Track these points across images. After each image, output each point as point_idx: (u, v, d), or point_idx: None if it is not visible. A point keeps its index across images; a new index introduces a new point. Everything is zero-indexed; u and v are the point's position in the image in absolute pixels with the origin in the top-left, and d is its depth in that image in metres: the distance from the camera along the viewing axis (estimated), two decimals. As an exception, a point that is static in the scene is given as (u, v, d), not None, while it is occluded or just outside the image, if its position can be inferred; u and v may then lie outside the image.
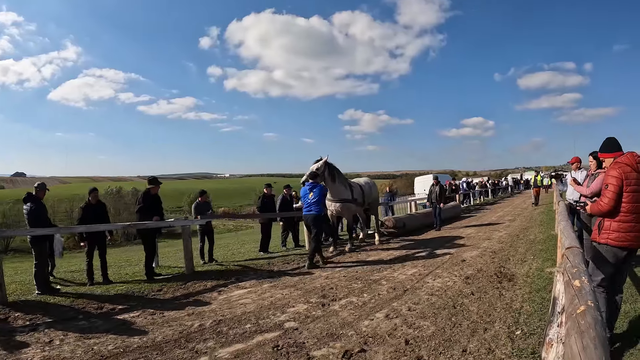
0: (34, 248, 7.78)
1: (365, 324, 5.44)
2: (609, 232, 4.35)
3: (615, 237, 4.29)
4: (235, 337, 5.18)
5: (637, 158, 4.30)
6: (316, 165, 11.19)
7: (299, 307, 6.32)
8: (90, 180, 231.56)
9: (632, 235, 4.24)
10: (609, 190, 4.29)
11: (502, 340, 4.63)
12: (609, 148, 4.66)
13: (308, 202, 10.26)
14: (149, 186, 9.50)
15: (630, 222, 4.23)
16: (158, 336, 5.32)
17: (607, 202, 4.31)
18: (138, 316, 6.27)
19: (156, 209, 9.42)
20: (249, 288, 7.76)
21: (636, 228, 4.23)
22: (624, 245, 4.27)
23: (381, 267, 9.11)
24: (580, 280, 2.67)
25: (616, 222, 4.29)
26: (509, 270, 8.03)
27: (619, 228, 4.27)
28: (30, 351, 4.95)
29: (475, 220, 18.99)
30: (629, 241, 4.26)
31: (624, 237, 4.25)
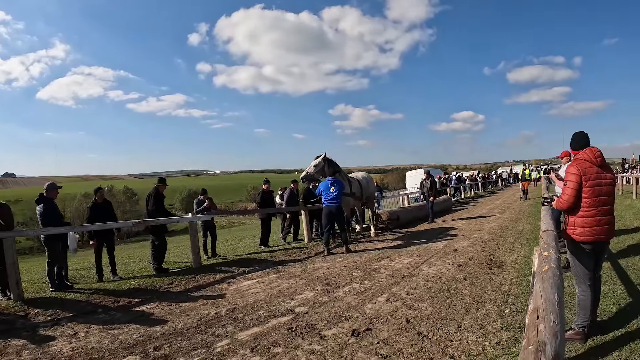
0: (47, 247, 7.99)
1: (369, 307, 5.93)
2: (574, 227, 4.41)
3: (580, 232, 4.34)
4: (251, 322, 5.57)
5: (595, 153, 4.35)
6: (314, 163, 11.78)
7: (306, 294, 6.78)
8: (80, 179, 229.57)
9: (599, 229, 4.27)
10: (568, 187, 4.36)
11: (493, 318, 5.18)
12: (575, 143, 4.66)
13: (330, 195, 10.80)
14: (158, 185, 9.93)
15: (594, 216, 4.27)
16: (179, 324, 5.65)
17: (565, 199, 4.39)
18: (155, 307, 6.59)
19: (162, 206, 9.90)
20: (257, 279, 8.17)
21: (602, 222, 4.27)
22: (589, 240, 4.31)
23: (378, 257, 9.61)
24: (548, 252, 3.34)
25: (580, 218, 4.34)
26: (498, 258, 8.54)
27: (583, 223, 4.31)
28: (58, 344, 5.18)
29: (466, 213, 19.46)
30: (595, 235, 4.28)
31: (589, 232, 4.28)
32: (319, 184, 11.52)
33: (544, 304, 2.19)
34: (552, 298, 2.23)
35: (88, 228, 8.84)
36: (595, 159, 4.31)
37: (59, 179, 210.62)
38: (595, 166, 4.30)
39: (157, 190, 9.83)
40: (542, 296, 2.29)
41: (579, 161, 4.38)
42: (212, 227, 11.69)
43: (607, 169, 4.40)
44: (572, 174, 4.33)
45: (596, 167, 4.30)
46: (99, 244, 8.89)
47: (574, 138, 4.70)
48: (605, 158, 4.47)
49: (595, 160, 4.31)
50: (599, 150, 4.41)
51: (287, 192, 13.83)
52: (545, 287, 2.39)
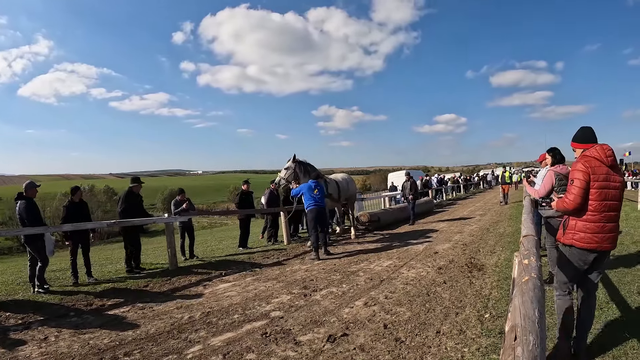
0: (30, 247, 7.80)
1: (346, 311, 5.80)
2: (573, 232, 3.99)
3: (580, 237, 3.93)
4: (225, 326, 5.44)
5: (607, 151, 3.90)
6: (287, 165, 11.82)
7: (282, 298, 6.63)
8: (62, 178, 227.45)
9: (600, 237, 3.87)
10: (575, 186, 3.89)
11: (472, 323, 5.07)
12: (581, 137, 4.19)
13: (315, 197, 10.65)
14: (132, 185, 9.82)
15: (598, 221, 3.85)
16: (151, 329, 5.52)
17: (572, 199, 3.92)
18: (128, 311, 6.44)
19: (139, 207, 9.73)
20: (233, 282, 8.02)
21: (605, 228, 3.86)
22: (590, 247, 3.90)
23: (358, 259, 9.51)
24: (529, 259, 3.06)
25: (582, 222, 3.92)
26: (479, 261, 8.46)
27: (584, 228, 3.90)
28: (27, 348, 5.05)
29: (447, 215, 19.47)
30: (597, 243, 3.87)
31: (590, 239, 3.88)
32: (300, 185, 11.32)
33: (523, 322, 1.97)
34: (532, 314, 2.02)
35: (63, 229, 8.68)
36: (606, 157, 3.89)
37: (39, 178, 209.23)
38: (605, 166, 3.89)
39: (130, 191, 9.73)
40: (520, 312, 2.07)
41: (588, 158, 3.94)
42: (190, 228, 11.50)
43: (617, 171, 3.98)
44: (580, 171, 3.89)
45: (606, 167, 3.88)
46: (74, 244, 8.69)
47: (582, 132, 4.22)
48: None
49: (607, 159, 3.89)
50: (611, 148, 3.96)
51: (267, 193, 13.74)
52: (524, 301, 2.17)
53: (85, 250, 8.94)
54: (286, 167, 11.83)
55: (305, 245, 11.79)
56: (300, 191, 10.95)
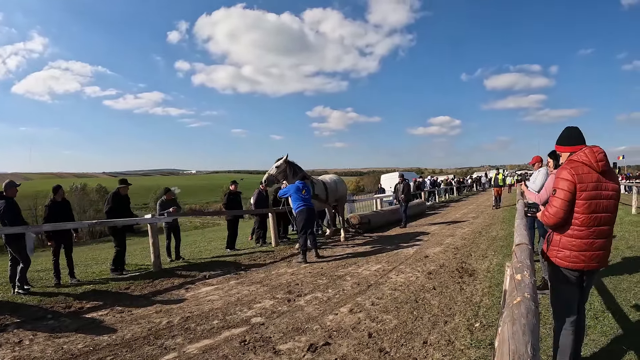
0: (11, 247, 7.67)
1: (330, 318, 5.56)
2: (557, 248, 3.53)
3: (564, 256, 3.47)
4: (203, 333, 5.24)
5: (597, 155, 3.37)
6: (275, 165, 11.50)
7: (265, 303, 6.41)
8: (54, 176, 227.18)
9: (588, 255, 3.39)
10: (557, 197, 3.42)
11: (462, 332, 4.81)
12: (567, 139, 3.69)
13: (303, 197, 10.42)
14: (119, 186, 9.71)
15: (586, 237, 3.37)
16: (127, 334, 5.34)
17: (552, 213, 3.46)
18: (107, 314, 6.27)
19: (125, 208, 9.60)
20: (216, 285, 7.83)
21: (594, 245, 3.37)
22: (576, 267, 3.44)
23: (346, 263, 9.27)
24: (522, 274, 2.66)
25: (567, 238, 3.45)
26: (470, 266, 8.25)
27: (569, 245, 3.43)
28: (0, 352, 4.89)
29: (439, 218, 19.28)
30: (583, 262, 3.40)
31: (576, 257, 3.41)
32: (287, 186, 11.14)
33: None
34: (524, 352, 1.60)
35: (42, 228, 8.54)
36: (596, 162, 3.36)
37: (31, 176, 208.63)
38: (595, 172, 3.37)
39: (117, 192, 9.64)
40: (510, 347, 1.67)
41: (575, 164, 3.43)
42: (176, 229, 11.32)
43: (611, 177, 3.44)
44: (564, 179, 3.40)
45: (597, 174, 3.36)
46: (56, 245, 8.54)
47: (567, 133, 3.72)
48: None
49: (597, 164, 3.35)
50: (602, 150, 3.43)
51: (256, 193, 13.51)
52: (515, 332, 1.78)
53: (67, 250, 8.77)
54: (277, 165, 11.54)
55: (294, 248, 11.57)
56: (287, 192, 10.74)
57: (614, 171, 3.70)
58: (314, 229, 10.93)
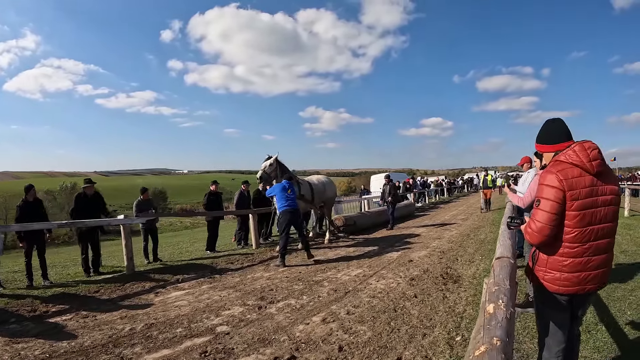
0: None
1: (300, 328, 5.19)
2: (544, 270, 2.86)
3: (552, 278, 2.81)
4: (164, 342, 4.94)
5: (590, 152, 2.68)
6: (268, 162, 11.22)
7: (234, 310, 6.07)
8: (45, 175, 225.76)
9: (583, 276, 2.73)
10: (541, 210, 2.73)
11: (441, 347, 4.41)
12: (549, 136, 3.01)
13: (288, 197, 10.15)
14: (84, 186, 9.64)
15: (579, 255, 2.70)
16: (87, 340, 5.08)
17: (537, 229, 2.74)
18: (70, 319, 6.00)
19: (94, 208, 9.45)
20: (188, 289, 7.51)
21: (590, 264, 2.72)
22: (567, 292, 2.79)
23: (326, 267, 8.92)
24: (495, 304, 2.04)
25: (556, 257, 2.78)
26: (455, 271, 7.89)
27: (559, 265, 2.76)
28: None
29: (428, 219, 19.00)
30: (577, 284, 2.75)
31: (567, 280, 2.75)
32: (272, 185, 10.87)
33: None
34: None
35: (9, 229, 8.47)
36: (589, 162, 2.66)
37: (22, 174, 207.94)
38: (589, 174, 2.68)
39: (83, 192, 9.63)
40: None
41: (562, 165, 2.73)
42: (154, 231, 10.97)
43: (608, 179, 2.75)
44: (549, 187, 2.70)
45: (590, 177, 2.67)
46: (28, 245, 8.32)
47: (549, 128, 3.04)
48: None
49: (590, 164, 2.66)
50: (596, 146, 2.74)
51: (237, 194, 13.17)
52: None
53: (40, 251, 8.56)
54: (270, 163, 11.31)
55: (275, 250, 11.15)
56: (273, 191, 10.44)
57: (612, 170, 2.93)
58: (303, 231, 10.72)
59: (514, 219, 3.43)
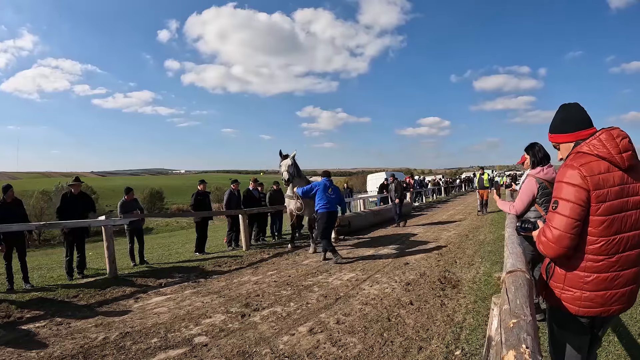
0: None
1: (284, 339, 4.78)
2: (562, 286, 2.34)
3: (571, 298, 2.29)
4: (136, 353, 4.58)
5: (621, 142, 2.15)
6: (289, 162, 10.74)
7: (215, 318, 5.68)
8: (42, 175, 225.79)
9: (609, 295, 2.22)
10: (559, 214, 2.20)
11: (438, 363, 3.96)
12: (566, 123, 2.45)
13: (328, 197, 9.63)
14: (69, 184, 9.66)
15: (605, 270, 2.19)
16: (56, 351, 4.77)
17: (554, 239, 2.22)
18: (43, 326, 5.72)
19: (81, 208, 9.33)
20: (170, 294, 7.14)
21: (618, 281, 2.21)
22: (587, 314, 2.28)
23: (317, 270, 8.51)
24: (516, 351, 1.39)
25: (577, 272, 2.26)
26: (454, 275, 7.49)
27: (580, 283, 2.25)
28: None
29: (425, 219, 18.69)
30: (601, 305, 2.24)
31: (590, 301, 2.24)
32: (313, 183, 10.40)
33: None
34: None
35: None
36: (619, 154, 2.13)
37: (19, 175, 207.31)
38: (618, 169, 2.16)
39: (65, 194, 9.50)
40: None
41: (586, 158, 2.20)
42: (139, 232, 10.62)
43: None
44: (570, 185, 2.18)
45: (620, 172, 2.16)
46: (8, 248, 8.01)
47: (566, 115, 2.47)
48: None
49: (620, 157, 2.13)
50: (626, 135, 2.20)
51: (227, 193, 12.86)
52: None
53: (20, 254, 8.32)
54: (291, 163, 10.72)
55: (264, 252, 10.90)
56: (313, 189, 9.85)
57: None
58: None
59: (524, 223, 2.79)
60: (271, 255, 10.52)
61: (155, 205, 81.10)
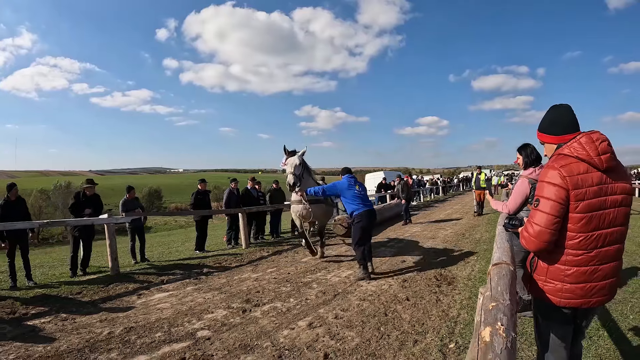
0: None
1: (285, 333, 4.95)
2: (544, 278, 2.53)
3: (553, 289, 2.48)
4: (141, 347, 4.73)
5: (600, 145, 2.34)
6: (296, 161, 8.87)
7: (217, 314, 5.83)
8: (40, 174, 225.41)
9: (589, 288, 2.40)
10: (541, 211, 2.40)
11: (433, 356, 4.14)
12: (553, 124, 2.65)
13: (359, 195, 7.98)
14: (85, 186, 9.72)
15: (585, 264, 2.37)
16: (63, 345, 4.88)
17: (535, 234, 2.41)
18: (49, 322, 5.80)
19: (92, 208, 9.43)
20: (172, 291, 7.27)
21: (597, 274, 2.38)
22: (568, 305, 2.46)
23: (316, 268, 8.67)
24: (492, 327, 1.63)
25: (558, 266, 2.45)
26: (450, 272, 7.66)
27: (561, 275, 2.43)
28: None
29: (422, 218, 18.85)
30: (581, 297, 2.42)
31: (570, 292, 2.42)
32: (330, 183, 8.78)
33: None
34: None
35: None
36: (597, 156, 2.32)
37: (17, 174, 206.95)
38: (597, 170, 2.34)
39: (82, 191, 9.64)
40: None
41: (566, 160, 2.40)
42: (141, 230, 10.75)
43: (619, 175, 2.39)
44: (550, 184, 2.38)
45: (599, 173, 2.34)
46: (11, 245, 8.12)
47: (554, 116, 2.67)
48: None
49: (599, 159, 2.32)
50: (605, 138, 2.39)
51: (226, 192, 13.04)
52: None
53: (23, 251, 8.38)
54: (299, 162, 8.85)
55: (264, 250, 11.05)
56: (333, 191, 8.23)
57: (623, 166, 2.48)
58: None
59: (512, 220, 3.04)
60: (270, 253, 10.66)
61: (153, 204, 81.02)
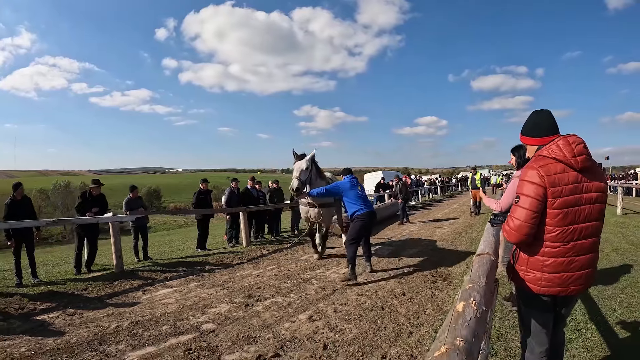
0: None
1: (286, 326, 5.17)
2: (525, 268, 2.74)
3: (533, 278, 2.69)
4: (149, 339, 4.91)
5: (575, 147, 2.56)
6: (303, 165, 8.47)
7: (220, 308, 6.03)
8: (39, 174, 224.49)
9: (567, 277, 2.61)
10: (520, 207, 2.62)
11: (427, 346, 4.36)
12: (534, 128, 2.87)
13: (361, 196, 7.92)
14: (91, 186, 9.80)
15: (562, 255, 2.58)
16: (72, 338, 5.04)
17: (515, 227, 2.62)
18: (57, 317, 5.96)
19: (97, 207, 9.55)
20: (176, 287, 7.45)
21: (574, 265, 2.60)
22: (549, 293, 2.67)
23: (315, 265, 8.86)
24: (466, 302, 1.94)
25: (537, 257, 2.66)
26: (445, 269, 7.87)
27: (540, 265, 2.64)
28: None
29: (420, 217, 18.98)
30: (559, 285, 2.63)
31: (549, 281, 2.64)
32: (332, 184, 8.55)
33: None
34: None
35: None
36: (573, 157, 2.54)
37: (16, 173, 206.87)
38: (573, 170, 2.56)
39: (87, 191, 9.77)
40: None
41: (544, 161, 2.62)
42: (144, 229, 10.93)
43: (594, 175, 2.61)
44: (529, 183, 2.60)
45: (575, 172, 2.55)
46: (17, 244, 8.23)
47: (535, 120, 2.88)
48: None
49: (575, 160, 2.54)
50: (581, 140, 2.61)
51: (227, 191, 13.22)
52: None
53: (29, 249, 8.47)
54: (305, 167, 8.45)
55: (265, 248, 11.22)
56: (335, 191, 8.04)
57: (599, 167, 2.79)
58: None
59: (497, 216, 3.36)
60: (271, 251, 10.83)
61: (153, 204, 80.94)
